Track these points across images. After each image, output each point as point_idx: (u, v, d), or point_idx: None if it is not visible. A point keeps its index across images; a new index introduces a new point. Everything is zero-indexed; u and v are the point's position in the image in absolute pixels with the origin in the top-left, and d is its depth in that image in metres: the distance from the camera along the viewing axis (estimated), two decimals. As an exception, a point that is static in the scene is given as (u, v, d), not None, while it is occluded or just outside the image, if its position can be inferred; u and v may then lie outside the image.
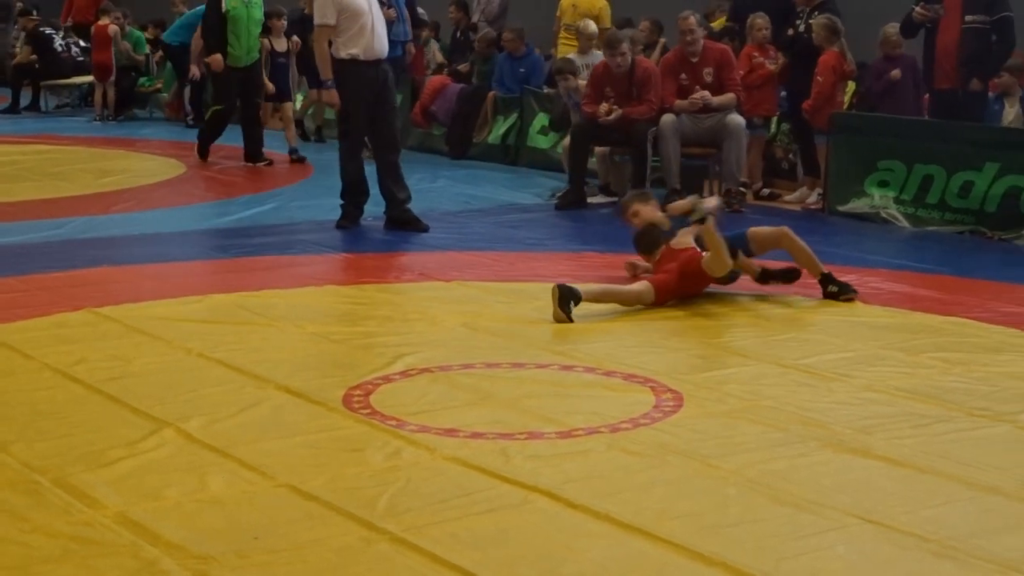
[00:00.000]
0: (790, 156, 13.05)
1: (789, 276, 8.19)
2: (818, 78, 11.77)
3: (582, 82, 12.28)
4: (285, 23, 14.91)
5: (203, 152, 14.51)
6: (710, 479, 4.91)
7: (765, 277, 8.17)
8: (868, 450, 5.23)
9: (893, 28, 11.95)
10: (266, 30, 14.40)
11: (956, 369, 6.46)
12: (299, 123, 15.87)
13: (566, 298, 7.36)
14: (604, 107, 11.52)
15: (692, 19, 11.72)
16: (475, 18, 16.77)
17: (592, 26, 13.38)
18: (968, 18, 11.23)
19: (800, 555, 4.22)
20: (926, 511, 4.60)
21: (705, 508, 4.62)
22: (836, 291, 7.96)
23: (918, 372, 6.41)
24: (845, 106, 12.38)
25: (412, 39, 15.00)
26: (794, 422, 5.57)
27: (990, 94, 11.82)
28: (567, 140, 11.92)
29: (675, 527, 4.40)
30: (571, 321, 7.29)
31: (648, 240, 8.19)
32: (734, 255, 7.79)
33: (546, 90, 14.24)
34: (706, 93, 11.52)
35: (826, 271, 8.05)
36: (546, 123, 13.99)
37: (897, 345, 6.92)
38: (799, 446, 5.28)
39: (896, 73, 11.63)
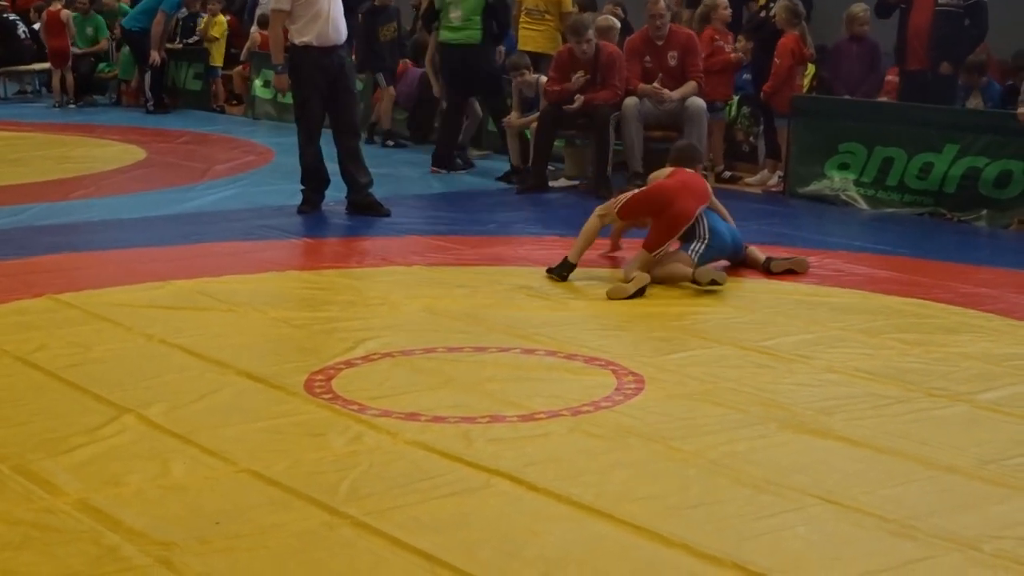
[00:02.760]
0: (751, 139, 13.10)
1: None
2: (776, 61, 11.82)
3: (534, 76, 12.23)
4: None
5: (446, 162, 12.98)
6: (671, 461, 4.93)
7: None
8: (828, 431, 5.27)
9: (860, 7, 12.01)
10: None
11: (915, 350, 6.51)
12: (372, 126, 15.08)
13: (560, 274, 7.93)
14: (579, 75, 11.44)
15: (662, 3, 11.77)
16: None
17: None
18: (941, 1, 11.29)
19: (761, 535, 4.24)
20: (885, 491, 4.63)
21: (666, 490, 4.64)
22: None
23: (878, 353, 6.45)
24: (804, 89, 12.42)
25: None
26: (755, 404, 5.60)
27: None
28: (535, 125, 11.90)
29: (636, 509, 4.42)
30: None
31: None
32: None
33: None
34: (668, 92, 11.51)
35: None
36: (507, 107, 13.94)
37: (857, 326, 6.96)
38: (760, 428, 5.31)
39: None
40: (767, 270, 8.23)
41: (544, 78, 12.03)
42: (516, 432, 5.24)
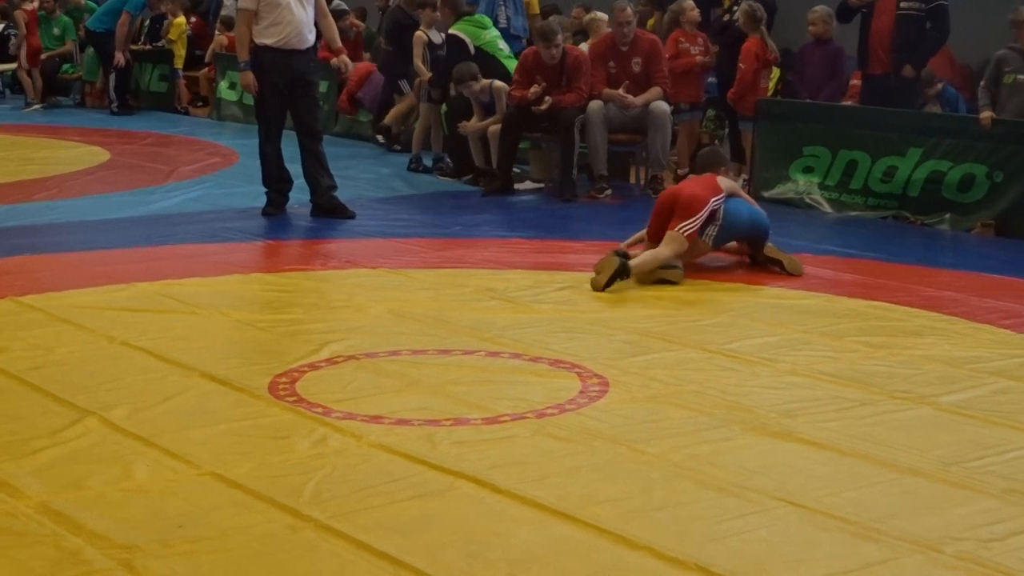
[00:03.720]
0: (716, 142, 13.13)
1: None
2: (740, 65, 11.88)
3: (487, 81, 12.15)
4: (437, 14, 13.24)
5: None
6: (635, 464, 4.94)
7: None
8: (791, 433, 5.28)
9: (822, 11, 12.05)
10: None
11: (879, 353, 6.53)
12: (386, 130, 14.70)
13: (619, 274, 7.80)
14: (535, 88, 11.49)
15: (629, 10, 11.83)
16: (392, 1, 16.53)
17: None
18: (903, 4, 11.34)
19: (724, 538, 4.25)
20: (848, 493, 4.65)
21: (630, 492, 4.64)
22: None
23: (842, 356, 6.47)
24: (769, 93, 12.47)
25: None
26: (718, 406, 5.61)
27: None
28: (497, 128, 11.87)
29: (600, 511, 4.42)
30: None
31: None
32: None
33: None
34: (632, 98, 11.55)
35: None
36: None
37: (821, 329, 6.99)
38: (723, 430, 5.32)
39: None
40: (753, 258, 8.58)
41: (497, 83, 11.98)
42: (480, 435, 5.24)
